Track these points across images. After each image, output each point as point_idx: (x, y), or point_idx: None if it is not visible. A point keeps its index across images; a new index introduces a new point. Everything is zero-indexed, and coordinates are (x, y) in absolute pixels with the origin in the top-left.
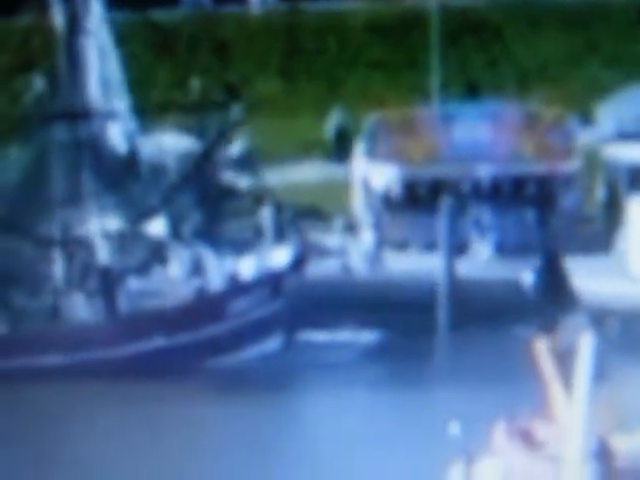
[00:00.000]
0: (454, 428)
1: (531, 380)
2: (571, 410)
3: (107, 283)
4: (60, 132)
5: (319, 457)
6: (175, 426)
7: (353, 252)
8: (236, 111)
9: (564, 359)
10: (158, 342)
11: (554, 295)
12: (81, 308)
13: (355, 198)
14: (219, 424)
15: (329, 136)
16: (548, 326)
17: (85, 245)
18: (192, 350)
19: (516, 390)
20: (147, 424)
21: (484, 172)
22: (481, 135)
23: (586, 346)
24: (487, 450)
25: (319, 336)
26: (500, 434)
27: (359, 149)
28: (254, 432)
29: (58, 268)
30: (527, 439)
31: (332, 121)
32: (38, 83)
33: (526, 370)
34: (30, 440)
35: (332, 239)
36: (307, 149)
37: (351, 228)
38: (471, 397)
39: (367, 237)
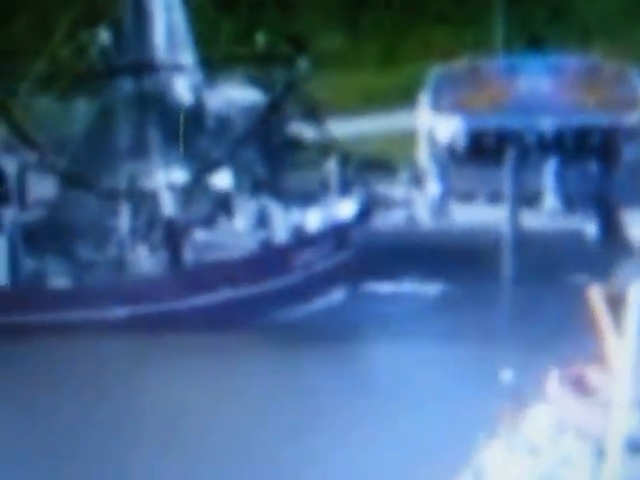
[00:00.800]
0: (506, 375)
1: (591, 329)
2: (621, 356)
3: (172, 235)
4: (126, 85)
5: (382, 408)
6: (240, 378)
7: (418, 203)
8: (302, 64)
9: (619, 306)
10: (224, 294)
11: (612, 244)
12: (146, 260)
13: (420, 150)
14: (284, 375)
15: None
16: (606, 275)
17: (151, 197)
18: (258, 302)
19: (576, 340)
20: (212, 376)
21: (547, 124)
22: (544, 87)
23: (637, 294)
24: (541, 398)
25: (384, 287)
26: (553, 381)
27: (424, 101)
28: (319, 383)
29: (123, 220)
30: (580, 386)
31: None
32: (103, 36)
33: (587, 319)
34: (97, 391)
35: (398, 190)
36: (372, 101)
37: (416, 180)
38: (532, 346)
39: (432, 188)
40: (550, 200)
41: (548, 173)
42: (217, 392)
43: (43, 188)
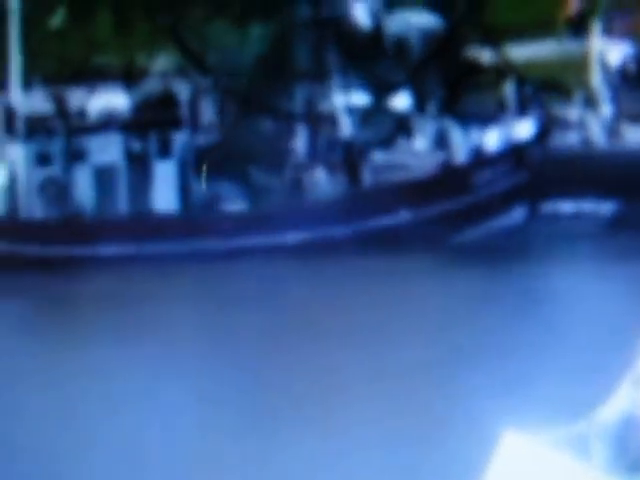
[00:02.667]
0: None
1: None
2: None
3: (351, 157)
4: (304, 9)
5: (561, 329)
6: (419, 299)
7: (592, 125)
8: None
9: None
10: (403, 215)
11: None
12: (324, 182)
13: (593, 73)
14: (467, 297)
15: None
16: None
17: (329, 120)
18: (437, 223)
19: None
20: (390, 298)
21: None
22: None
23: None
24: None
25: (562, 207)
26: None
27: (596, 27)
28: (499, 303)
29: (301, 143)
30: None
31: None
32: None
33: None
34: (274, 313)
35: (572, 112)
36: (548, 25)
37: (590, 102)
38: None
39: (605, 110)
40: None
41: None
42: (395, 314)
43: (217, 112)
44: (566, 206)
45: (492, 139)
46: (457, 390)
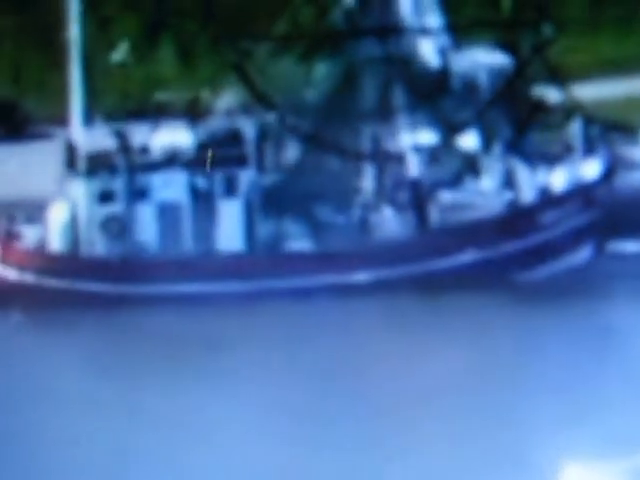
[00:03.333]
0: None
1: None
2: None
3: (418, 196)
4: (370, 47)
5: (631, 368)
6: (487, 337)
7: None
8: (547, 29)
9: None
10: (470, 255)
11: None
12: (391, 222)
13: None
14: (530, 333)
15: None
16: None
17: (396, 158)
18: (504, 262)
19: None
20: (459, 336)
21: None
22: None
23: None
24: None
25: (628, 246)
26: None
27: None
28: (564, 340)
29: (367, 182)
30: None
31: None
32: None
33: None
34: (343, 353)
35: (638, 152)
36: (611, 66)
37: None
38: None
39: None
40: None
41: None
42: (463, 351)
43: (283, 151)
44: (632, 245)
45: (559, 178)
46: (522, 423)
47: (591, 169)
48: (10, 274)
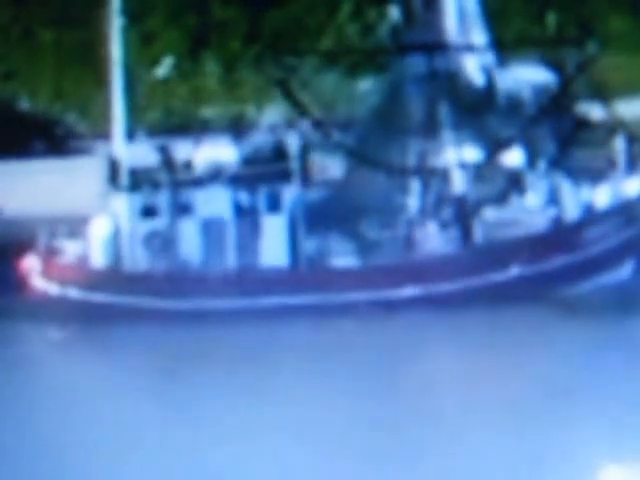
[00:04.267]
0: None
1: None
2: None
3: (463, 213)
4: (415, 64)
5: None
6: (529, 353)
7: None
8: (591, 46)
9: None
10: (514, 272)
11: None
12: (435, 239)
13: None
14: (571, 350)
15: None
16: None
17: (441, 175)
18: (547, 279)
19: None
20: (501, 352)
21: None
22: None
23: None
24: None
25: None
26: None
27: None
28: (602, 357)
29: (413, 198)
30: None
31: None
32: (393, 14)
33: None
34: (390, 370)
35: None
36: None
37: None
38: None
39: None
40: None
41: None
42: (506, 368)
43: (328, 166)
44: None
45: (602, 195)
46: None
47: (634, 186)
48: (51, 289)
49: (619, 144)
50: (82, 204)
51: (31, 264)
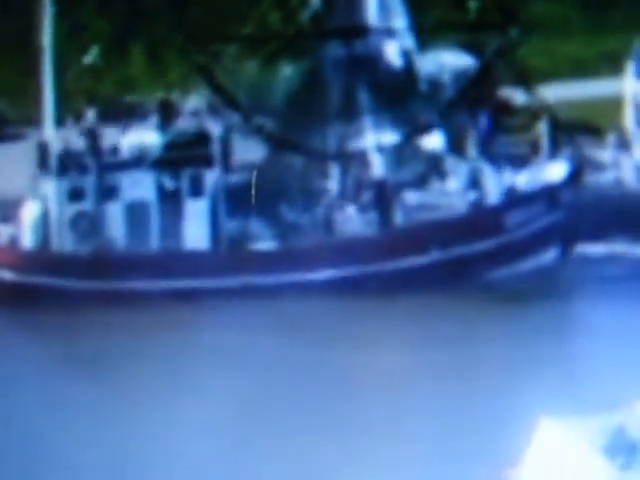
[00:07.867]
0: None
1: None
2: None
3: (382, 196)
4: (335, 49)
5: (599, 372)
6: (448, 338)
7: (625, 166)
8: (513, 31)
9: None
10: (434, 255)
11: None
12: (355, 221)
13: (627, 116)
14: (492, 336)
15: None
16: None
17: (360, 159)
18: (468, 263)
19: None
20: (421, 337)
21: None
22: None
23: None
24: None
25: (594, 248)
26: None
27: (630, 70)
28: (527, 343)
29: (332, 182)
30: None
31: None
32: (314, 0)
33: None
34: (299, 356)
35: (605, 154)
36: (579, 68)
37: (623, 143)
38: None
39: (638, 152)
40: None
41: None
42: (425, 353)
43: (248, 151)
44: (598, 247)
45: (525, 180)
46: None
47: (557, 171)
48: None
49: (542, 129)
50: (14, 188)
51: None
